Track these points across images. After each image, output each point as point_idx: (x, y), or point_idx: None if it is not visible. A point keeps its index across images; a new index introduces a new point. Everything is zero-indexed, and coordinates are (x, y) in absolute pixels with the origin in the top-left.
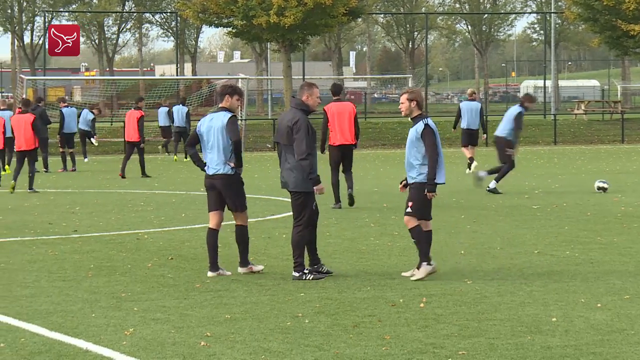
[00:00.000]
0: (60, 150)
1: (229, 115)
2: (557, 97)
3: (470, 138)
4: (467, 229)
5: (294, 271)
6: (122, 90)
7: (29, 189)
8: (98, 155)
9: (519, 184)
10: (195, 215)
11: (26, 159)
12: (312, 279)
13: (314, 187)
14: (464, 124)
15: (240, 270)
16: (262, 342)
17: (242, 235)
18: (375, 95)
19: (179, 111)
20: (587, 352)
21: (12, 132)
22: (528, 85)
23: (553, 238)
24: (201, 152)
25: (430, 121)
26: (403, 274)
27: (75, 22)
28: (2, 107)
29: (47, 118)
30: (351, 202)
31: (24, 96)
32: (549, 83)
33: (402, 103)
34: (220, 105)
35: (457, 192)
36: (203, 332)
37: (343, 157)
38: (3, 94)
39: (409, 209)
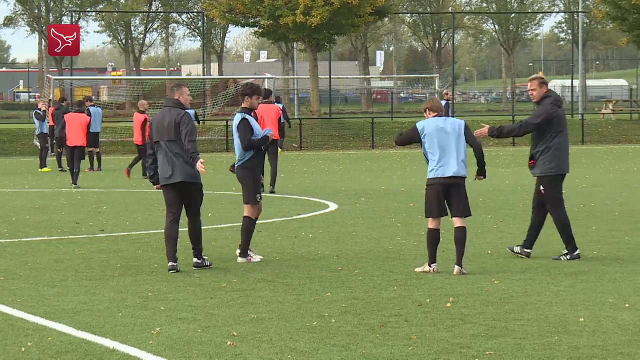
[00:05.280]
0: (88, 150)
1: (239, 117)
2: (584, 97)
3: None
4: (494, 229)
5: (197, 259)
6: (149, 90)
7: (74, 184)
8: (126, 155)
9: None
10: (222, 215)
11: (75, 155)
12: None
13: (198, 162)
14: None
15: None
16: (289, 342)
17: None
18: (402, 95)
19: None
20: (615, 353)
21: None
22: (556, 85)
23: (580, 238)
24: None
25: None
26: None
27: (102, 22)
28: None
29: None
30: (271, 192)
31: (51, 97)
32: (576, 83)
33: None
34: (242, 105)
35: (484, 193)
36: (230, 331)
37: (271, 150)
38: (31, 94)
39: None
